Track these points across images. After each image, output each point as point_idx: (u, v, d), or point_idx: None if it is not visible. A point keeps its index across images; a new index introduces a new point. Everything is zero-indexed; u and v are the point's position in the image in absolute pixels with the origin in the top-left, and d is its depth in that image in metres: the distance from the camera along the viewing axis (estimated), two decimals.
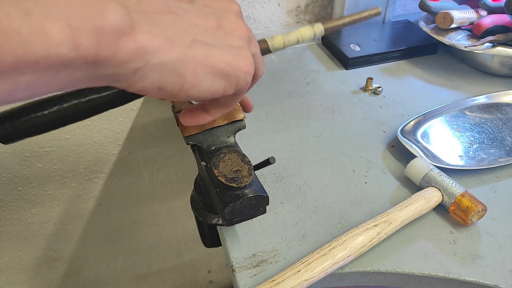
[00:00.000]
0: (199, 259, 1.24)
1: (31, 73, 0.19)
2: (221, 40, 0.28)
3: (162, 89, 0.26)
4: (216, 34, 0.28)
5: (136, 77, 0.24)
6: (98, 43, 0.21)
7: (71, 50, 0.20)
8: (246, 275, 0.40)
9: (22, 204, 0.88)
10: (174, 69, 0.25)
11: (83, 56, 0.20)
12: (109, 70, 0.22)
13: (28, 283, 1.03)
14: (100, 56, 0.21)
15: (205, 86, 0.27)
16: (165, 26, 0.25)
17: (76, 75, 0.21)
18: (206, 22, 0.28)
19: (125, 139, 0.87)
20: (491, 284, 0.39)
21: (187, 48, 0.26)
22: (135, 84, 0.24)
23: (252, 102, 0.42)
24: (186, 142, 0.39)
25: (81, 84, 0.23)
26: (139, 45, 0.23)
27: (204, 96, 0.28)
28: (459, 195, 0.43)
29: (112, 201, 0.97)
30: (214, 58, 0.27)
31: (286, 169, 0.52)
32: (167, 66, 0.25)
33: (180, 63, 0.25)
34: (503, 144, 0.53)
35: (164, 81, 0.25)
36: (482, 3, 0.69)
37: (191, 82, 0.26)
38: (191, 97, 0.27)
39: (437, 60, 0.73)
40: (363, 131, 0.58)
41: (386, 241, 0.42)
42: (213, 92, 0.28)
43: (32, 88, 0.20)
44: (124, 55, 0.22)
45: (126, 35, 0.22)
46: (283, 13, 0.81)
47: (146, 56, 0.23)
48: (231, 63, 0.28)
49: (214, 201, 0.40)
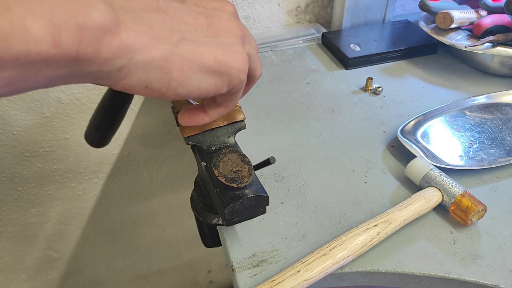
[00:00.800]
0: (199, 259, 1.24)
1: (11, 70, 0.19)
2: (212, 37, 0.28)
3: (149, 87, 0.25)
4: (207, 32, 0.28)
5: (121, 75, 0.24)
6: (80, 40, 0.20)
7: (52, 47, 0.20)
8: (246, 275, 0.40)
9: (22, 204, 0.88)
10: (160, 66, 0.25)
11: (65, 53, 0.20)
12: (92, 68, 0.22)
13: (28, 283, 1.03)
14: (82, 53, 0.21)
15: (194, 84, 0.27)
16: (152, 24, 0.25)
17: (59, 72, 0.21)
18: (196, 20, 0.28)
19: (125, 139, 0.87)
20: (491, 284, 0.39)
21: (174, 45, 0.25)
22: (120, 81, 0.24)
23: None
24: (186, 142, 0.39)
25: (65, 81, 0.23)
26: (123, 42, 0.22)
27: (194, 94, 0.28)
28: (459, 195, 0.43)
29: (112, 201, 0.97)
30: (203, 55, 0.27)
31: (286, 169, 0.52)
32: (153, 64, 0.24)
33: (166, 60, 0.25)
34: (503, 144, 0.53)
35: (150, 79, 0.25)
36: (482, 3, 0.69)
37: (178, 80, 0.26)
38: (181, 95, 0.27)
39: (437, 60, 0.73)
40: (363, 131, 0.58)
41: (386, 241, 0.42)
42: (204, 90, 0.28)
43: (13, 84, 0.20)
44: (107, 53, 0.22)
45: (110, 32, 0.22)
46: (283, 13, 0.81)
47: (130, 53, 0.23)
48: (222, 60, 0.28)
49: (214, 201, 0.40)
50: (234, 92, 0.31)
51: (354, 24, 0.80)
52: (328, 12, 0.84)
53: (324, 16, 0.84)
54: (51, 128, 0.79)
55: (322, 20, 0.85)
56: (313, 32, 0.80)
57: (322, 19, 0.85)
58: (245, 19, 0.80)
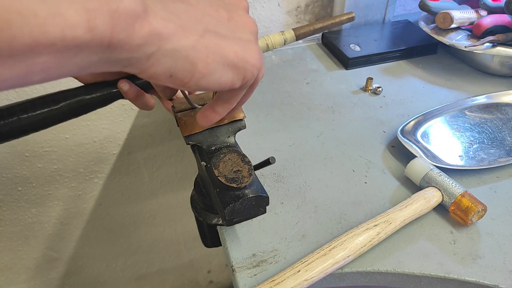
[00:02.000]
0: (199, 259, 1.24)
1: (48, 55, 0.20)
2: (232, 31, 0.29)
3: (173, 76, 0.26)
4: (228, 26, 0.29)
5: (150, 62, 0.24)
6: (113, 26, 0.21)
7: (86, 32, 0.20)
8: (246, 275, 0.40)
9: (22, 204, 0.88)
10: (187, 56, 0.25)
11: (99, 39, 0.21)
12: (124, 54, 0.22)
13: (28, 283, 1.03)
14: (115, 39, 0.21)
15: (216, 77, 0.27)
16: (179, 13, 0.25)
17: (91, 58, 0.22)
18: (218, 13, 0.29)
19: (125, 139, 0.87)
20: (491, 284, 0.39)
21: (200, 36, 0.26)
22: (147, 69, 0.24)
23: None
24: (186, 142, 0.39)
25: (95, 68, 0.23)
26: (153, 29, 0.23)
27: (213, 87, 0.28)
28: (459, 195, 0.43)
29: (112, 201, 0.97)
30: (225, 49, 0.27)
31: (286, 169, 0.52)
32: (180, 53, 0.25)
33: (193, 50, 0.25)
34: (503, 144, 0.53)
35: (176, 68, 0.25)
36: (482, 3, 0.69)
37: (202, 71, 0.26)
38: (202, 87, 0.27)
39: (437, 60, 0.73)
40: (363, 131, 0.58)
41: (386, 241, 0.42)
42: (222, 83, 0.28)
43: (48, 70, 0.21)
44: (139, 39, 0.22)
45: (140, 19, 0.22)
46: (283, 13, 0.81)
47: (160, 41, 0.23)
48: (240, 55, 0.28)
49: (214, 201, 0.40)
50: (243, 88, 0.32)
51: (354, 24, 0.80)
52: (328, 12, 0.84)
53: (324, 16, 0.84)
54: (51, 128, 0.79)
55: None
56: None
57: (322, 19, 0.85)
58: None
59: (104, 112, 0.81)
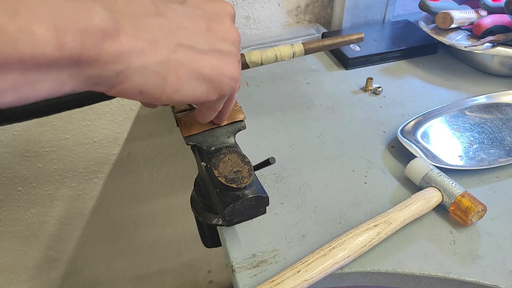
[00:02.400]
0: (199, 259, 1.24)
1: (17, 72, 0.20)
2: (210, 44, 0.28)
3: (143, 92, 0.25)
4: (206, 38, 0.28)
5: (118, 79, 0.24)
6: (83, 43, 0.21)
7: (56, 49, 0.20)
8: (246, 275, 0.40)
9: (22, 204, 0.88)
10: (157, 72, 0.25)
11: (68, 56, 0.21)
12: (92, 71, 0.23)
13: (28, 283, 1.03)
14: (84, 56, 0.21)
15: (189, 90, 0.27)
16: (151, 29, 0.25)
17: (61, 75, 0.22)
18: (195, 24, 0.28)
19: (125, 139, 0.87)
20: (491, 284, 0.39)
21: (172, 51, 0.26)
22: (116, 86, 0.24)
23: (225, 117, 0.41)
24: (186, 142, 0.39)
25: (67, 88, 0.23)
26: (122, 47, 0.23)
27: (187, 100, 0.28)
28: (459, 195, 0.43)
29: (112, 201, 0.97)
30: (199, 63, 0.27)
31: (286, 169, 0.52)
32: (150, 69, 0.25)
33: (163, 66, 0.25)
34: (503, 144, 0.53)
35: (147, 84, 0.25)
36: (482, 3, 0.69)
37: (174, 86, 0.26)
38: (174, 101, 0.27)
39: (437, 60, 0.73)
40: (363, 131, 0.58)
41: (386, 241, 0.42)
42: (197, 96, 0.28)
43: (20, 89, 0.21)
44: (107, 56, 0.22)
45: (110, 37, 0.22)
46: (283, 13, 0.81)
47: (129, 58, 0.23)
48: (217, 68, 0.28)
49: (214, 202, 0.40)
50: (222, 99, 0.32)
51: (354, 24, 0.80)
52: (328, 12, 0.84)
53: (324, 16, 0.84)
54: (51, 128, 0.79)
55: (322, 20, 0.85)
56: (313, 32, 0.80)
57: (322, 19, 0.85)
58: (245, 19, 0.80)
59: (104, 112, 0.81)
